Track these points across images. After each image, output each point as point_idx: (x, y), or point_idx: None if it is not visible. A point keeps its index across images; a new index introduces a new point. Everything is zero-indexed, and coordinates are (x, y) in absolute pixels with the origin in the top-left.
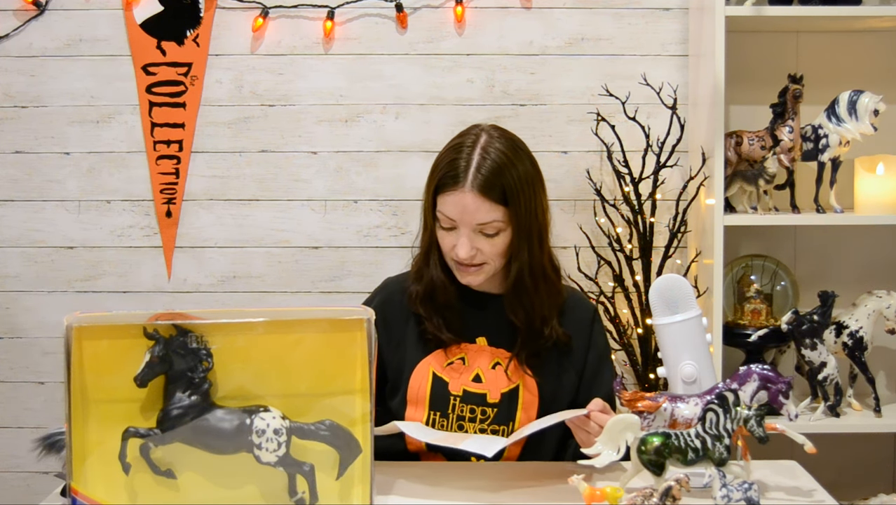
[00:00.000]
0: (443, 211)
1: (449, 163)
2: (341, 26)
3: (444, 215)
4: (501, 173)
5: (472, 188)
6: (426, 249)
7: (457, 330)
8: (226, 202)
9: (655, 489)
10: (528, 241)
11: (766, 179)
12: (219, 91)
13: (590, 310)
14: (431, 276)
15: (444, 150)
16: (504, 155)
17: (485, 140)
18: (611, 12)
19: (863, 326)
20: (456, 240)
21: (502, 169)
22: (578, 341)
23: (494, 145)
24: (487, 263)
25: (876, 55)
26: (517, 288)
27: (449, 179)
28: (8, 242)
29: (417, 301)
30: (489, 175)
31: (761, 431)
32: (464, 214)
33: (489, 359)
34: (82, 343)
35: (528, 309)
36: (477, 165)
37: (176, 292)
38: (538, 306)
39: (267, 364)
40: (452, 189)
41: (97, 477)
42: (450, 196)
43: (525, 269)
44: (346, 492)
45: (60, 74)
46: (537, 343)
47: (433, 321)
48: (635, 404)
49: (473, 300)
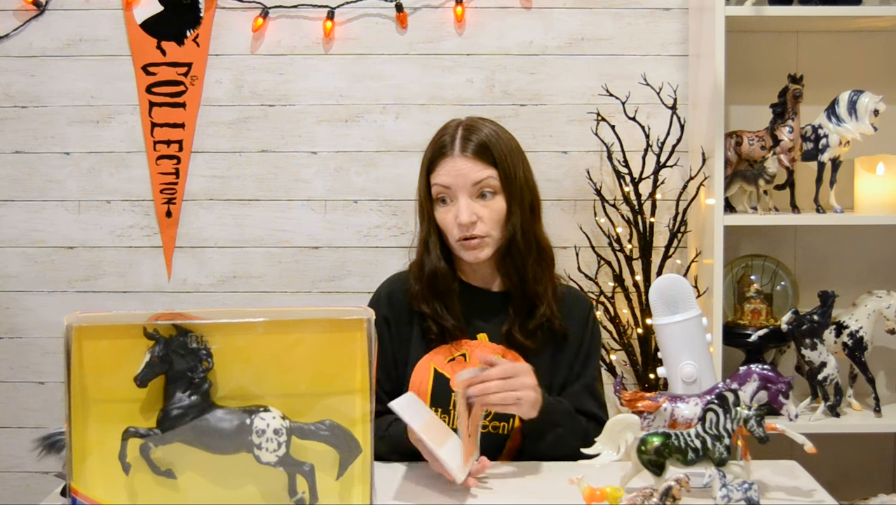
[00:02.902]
0: (438, 182)
1: (435, 142)
2: (341, 26)
3: (439, 186)
4: (488, 138)
5: (461, 152)
6: (425, 239)
7: (458, 319)
8: (226, 202)
9: (655, 489)
10: (520, 206)
11: (766, 179)
12: (219, 91)
13: (587, 306)
14: (433, 263)
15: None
16: (487, 128)
17: (467, 120)
18: (611, 12)
19: (863, 326)
20: (455, 210)
21: (488, 136)
22: (574, 336)
23: (477, 122)
24: (488, 235)
25: (876, 55)
26: (510, 249)
27: (438, 153)
28: (8, 242)
29: (419, 297)
30: (476, 140)
31: (761, 431)
32: (457, 178)
33: (490, 355)
34: (82, 343)
35: (522, 272)
36: (463, 135)
37: (176, 292)
38: (530, 270)
39: (267, 364)
40: (443, 159)
41: (97, 477)
42: (442, 166)
43: (518, 232)
44: (346, 492)
45: (60, 74)
46: (531, 319)
47: (436, 311)
48: (635, 404)
49: (474, 297)
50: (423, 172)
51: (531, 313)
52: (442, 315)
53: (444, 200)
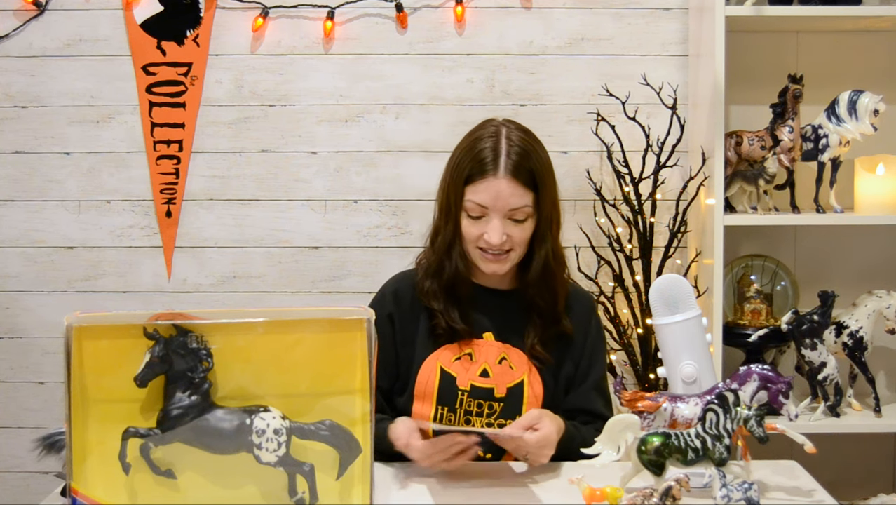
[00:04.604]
0: (474, 200)
1: (476, 154)
2: (341, 26)
3: (475, 204)
4: (529, 157)
5: (505, 174)
6: (449, 243)
7: (469, 322)
8: (226, 202)
9: (655, 489)
10: (550, 228)
11: (766, 179)
12: (219, 91)
13: (589, 302)
14: (455, 268)
15: (465, 144)
16: (526, 142)
17: (505, 130)
18: (611, 12)
19: (863, 326)
20: (485, 227)
21: (529, 154)
22: (578, 333)
23: (515, 133)
24: (514, 251)
25: (876, 55)
26: (545, 274)
27: (479, 169)
28: (8, 242)
29: (431, 296)
30: (519, 160)
31: (761, 431)
32: (497, 200)
33: (496, 354)
34: (82, 343)
35: (553, 294)
36: (507, 152)
37: (176, 292)
38: (560, 292)
39: (267, 364)
40: (484, 177)
41: (97, 477)
42: (482, 184)
43: (550, 255)
44: (346, 492)
45: (60, 74)
46: (549, 331)
47: (450, 314)
48: (635, 404)
49: (481, 296)
50: (457, 179)
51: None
52: (454, 319)
53: (475, 215)
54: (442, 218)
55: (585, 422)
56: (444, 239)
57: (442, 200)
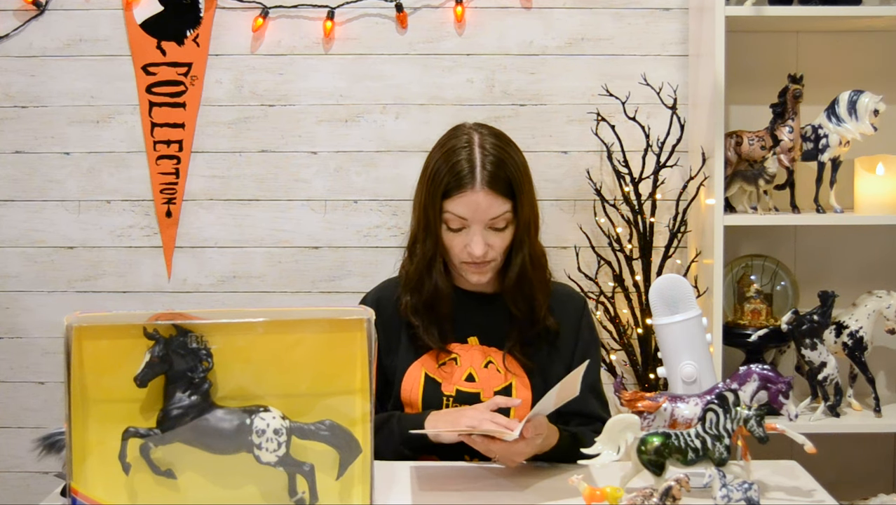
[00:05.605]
0: (454, 212)
1: (451, 167)
2: (341, 26)
3: (454, 216)
4: (505, 165)
5: (482, 185)
6: (430, 257)
7: (450, 336)
8: (226, 202)
9: (655, 489)
10: (527, 233)
11: (766, 179)
12: (219, 91)
13: (578, 302)
14: (435, 284)
15: (438, 155)
16: (500, 148)
17: (478, 138)
18: (611, 12)
19: (863, 326)
20: (467, 239)
21: (504, 161)
22: (567, 333)
23: (489, 140)
24: (495, 260)
25: (876, 55)
26: (521, 280)
27: (456, 183)
28: (8, 242)
29: (411, 311)
30: (494, 170)
31: (761, 431)
32: (476, 213)
33: (481, 358)
34: (82, 343)
35: (531, 300)
36: (482, 163)
37: (176, 292)
38: (539, 297)
39: (267, 364)
40: (462, 190)
41: (97, 477)
42: (461, 197)
43: (527, 260)
44: (346, 492)
45: (60, 74)
46: (528, 333)
47: (430, 331)
48: (635, 404)
49: (465, 301)
50: (434, 193)
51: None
52: (433, 337)
53: (455, 227)
54: (421, 231)
55: (581, 424)
56: (423, 253)
57: (419, 214)
